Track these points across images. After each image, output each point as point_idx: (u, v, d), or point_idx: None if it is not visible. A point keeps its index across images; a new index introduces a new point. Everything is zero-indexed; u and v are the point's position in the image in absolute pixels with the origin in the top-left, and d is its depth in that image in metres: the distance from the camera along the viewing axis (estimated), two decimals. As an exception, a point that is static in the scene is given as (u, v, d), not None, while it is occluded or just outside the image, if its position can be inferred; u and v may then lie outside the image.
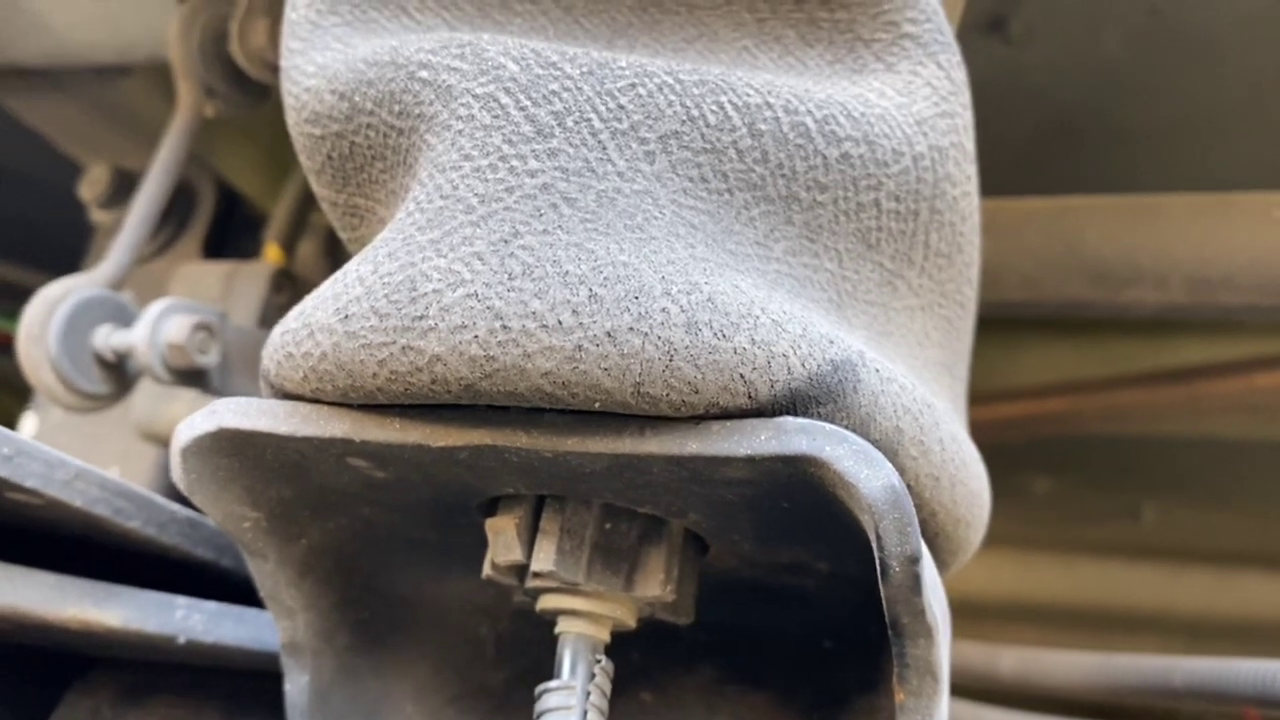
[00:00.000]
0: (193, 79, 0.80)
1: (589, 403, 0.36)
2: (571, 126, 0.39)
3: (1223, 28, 0.94)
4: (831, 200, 0.42)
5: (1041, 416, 1.15)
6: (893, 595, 0.35)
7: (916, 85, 0.45)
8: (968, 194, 0.47)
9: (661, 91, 0.41)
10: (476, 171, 0.39)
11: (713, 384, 0.36)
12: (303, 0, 0.49)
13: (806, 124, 0.42)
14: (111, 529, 0.51)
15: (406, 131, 0.43)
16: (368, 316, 0.38)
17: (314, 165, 0.48)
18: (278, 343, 0.41)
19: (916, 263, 0.46)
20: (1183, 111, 1.00)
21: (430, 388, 0.37)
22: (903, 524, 0.34)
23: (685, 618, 0.46)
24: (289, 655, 0.50)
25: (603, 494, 0.42)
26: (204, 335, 0.73)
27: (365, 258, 0.40)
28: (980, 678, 0.84)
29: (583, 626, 0.44)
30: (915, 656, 0.37)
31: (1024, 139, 1.05)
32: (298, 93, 0.47)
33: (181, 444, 0.42)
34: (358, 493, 0.46)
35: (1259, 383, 0.99)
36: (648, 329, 0.35)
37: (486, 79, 0.41)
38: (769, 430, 0.36)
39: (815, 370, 0.37)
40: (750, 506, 0.41)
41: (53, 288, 0.72)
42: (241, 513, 0.46)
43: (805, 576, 0.49)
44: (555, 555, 0.42)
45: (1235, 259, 0.78)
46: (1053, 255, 0.81)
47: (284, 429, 0.41)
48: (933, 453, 0.41)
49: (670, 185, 0.40)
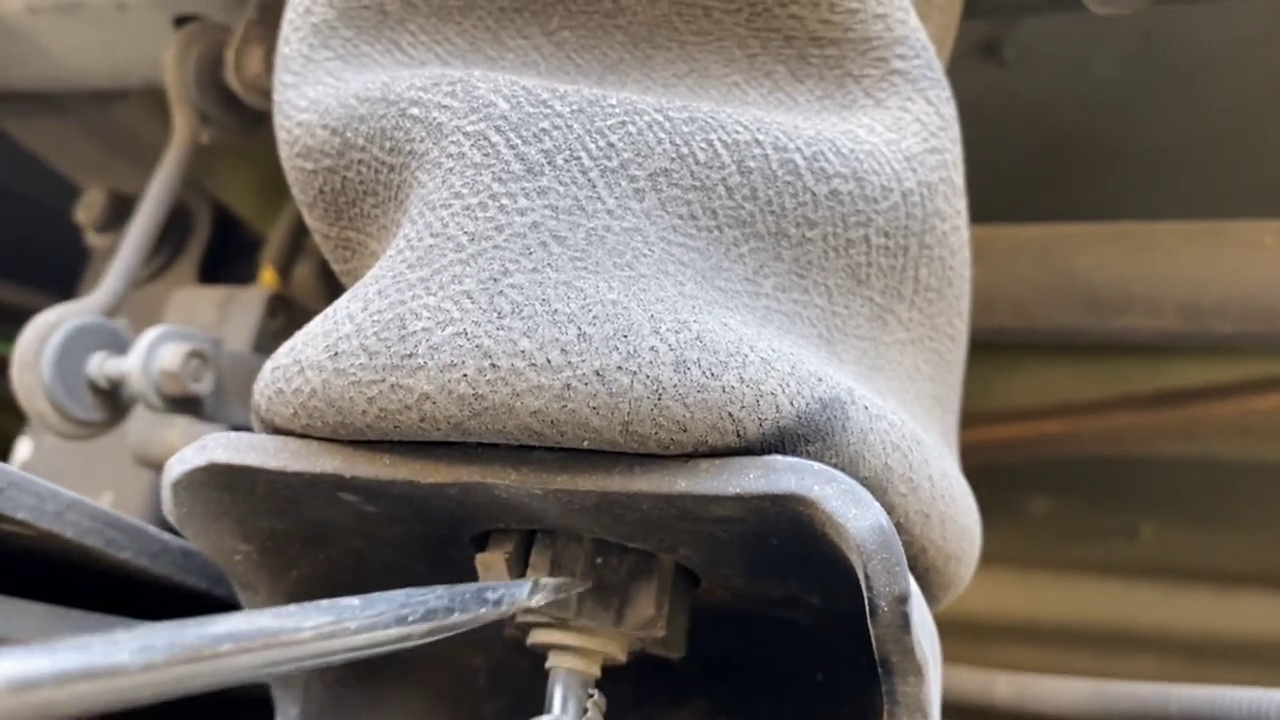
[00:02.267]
0: (188, 106, 0.80)
1: (578, 441, 0.36)
2: (561, 164, 0.40)
3: (1216, 53, 0.94)
4: (821, 236, 0.42)
5: (1038, 438, 1.15)
6: (882, 634, 0.35)
7: (906, 121, 0.45)
8: (957, 228, 0.47)
9: (651, 129, 0.41)
10: (466, 210, 0.39)
11: (701, 422, 0.36)
12: (296, 34, 0.49)
13: (795, 161, 0.42)
14: (104, 560, 0.51)
15: (398, 168, 0.43)
16: (357, 354, 0.38)
17: (306, 199, 0.48)
18: (268, 378, 0.41)
19: (906, 297, 0.46)
20: (1176, 136, 1.01)
21: (419, 425, 0.37)
22: (891, 564, 0.34)
23: (676, 652, 0.46)
24: (280, 688, 0.50)
25: (593, 530, 0.42)
26: (198, 363, 0.73)
27: (355, 294, 0.40)
28: (976, 703, 0.84)
29: (573, 661, 0.44)
30: (905, 694, 0.37)
31: (1017, 162, 1.05)
32: (290, 127, 0.47)
33: (172, 478, 0.42)
34: (349, 526, 0.46)
35: (1255, 405, 0.99)
36: (636, 368, 0.36)
37: (477, 117, 0.41)
38: (757, 469, 0.36)
39: (804, 408, 0.37)
40: (740, 543, 0.41)
41: (47, 315, 0.72)
42: (233, 546, 0.46)
43: (797, 610, 0.49)
44: (545, 591, 0.42)
45: (1228, 287, 0.78)
46: (1045, 282, 0.81)
47: (274, 464, 0.41)
48: (922, 489, 0.41)
49: (659, 222, 0.40)
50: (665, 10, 0.49)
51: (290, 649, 0.27)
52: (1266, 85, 0.95)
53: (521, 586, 0.39)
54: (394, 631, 0.32)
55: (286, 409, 0.40)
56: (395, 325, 0.38)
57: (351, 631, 0.30)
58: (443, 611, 0.34)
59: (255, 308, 0.90)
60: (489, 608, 0.36)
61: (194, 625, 0.23)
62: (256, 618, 0.26)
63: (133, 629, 0.22)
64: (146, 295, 1.04)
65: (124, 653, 0.21)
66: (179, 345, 0.72)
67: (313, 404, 0.39)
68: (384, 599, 0.32)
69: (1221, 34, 0.93)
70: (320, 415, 0.39)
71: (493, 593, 0.37)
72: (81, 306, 0.74)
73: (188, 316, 0.91)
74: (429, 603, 0.34)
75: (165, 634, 0.22)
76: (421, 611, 0.33)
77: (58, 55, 0.88)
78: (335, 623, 0.29)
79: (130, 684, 0.21)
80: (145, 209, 0.80)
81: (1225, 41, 0.93)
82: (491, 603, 0.37)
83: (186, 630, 0.23)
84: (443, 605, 0.34)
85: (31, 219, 1.29)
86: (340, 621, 0.29)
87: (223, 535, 0.45)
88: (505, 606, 0.37)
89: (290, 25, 0.49)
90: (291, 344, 0.41)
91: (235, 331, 0.88)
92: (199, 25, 0.82)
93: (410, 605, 0.33)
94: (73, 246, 1.14)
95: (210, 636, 0.23)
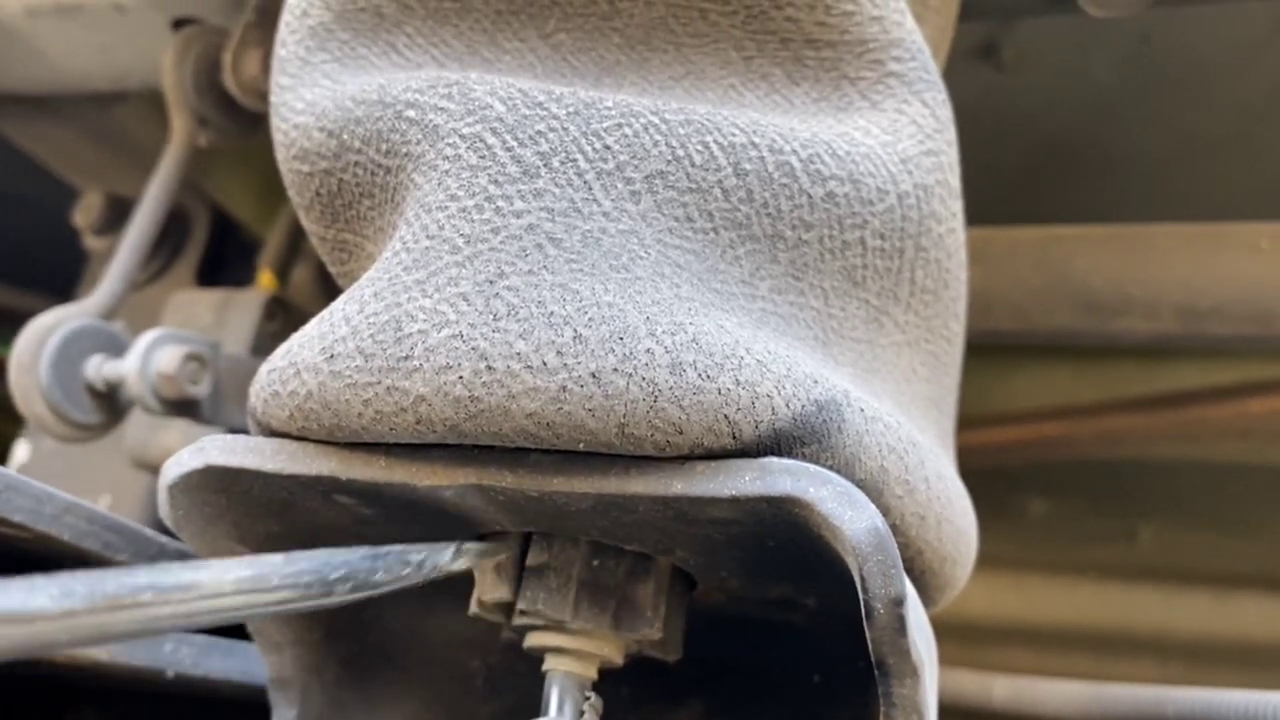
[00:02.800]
0: (186, 109, 0.80)
1: (574, 443, 0.36)
2: (557, 167, 0.40)
3: (1213, 55, 0.94)
4: (817, 238, 0.42)
5: (1037, 440, 1.15)
6: (878, 636, 0.35)
7: (902, 123, 0.45)
8: (953, 230, 0.47)
9: (647, 131, 0.41)
10: (463, 212, 0.39)
11: (697, 425, 0.36)
12: (292, 37, 0.49)
13: (791, 163, 0.42)
14: (101, 563, 0.51)
15: (394, 170, 0.43)
16: (353, 356, 0.38)
17: (303, 201, 0.48)
18: (264, 381, 0.41)
19: (902, 299, 0.46)
20: (1173, 139, 1.01)
21: (415, 428, 0.37)
22: (886, 566, 0.34)
23: (673, 654, 0.46)
24: (277, 690, 0.50)
25: (589, 532, 0.42)
26: (195, 365, 0.73)
27: (352, 297, 0.40)
28: (974, 706, 0.84)
29: (570, 664, 0.44)
30: (901, 696, 0.37)
31: (1014, 164, 1.06)
32: (286, 129, 0.47)
33: (168, 481, 0.42)
34: (345, 527, 0.46)
35: (1252, 408, 0.99)
36: (632, 370, 0.36)
37: (473, 119, 0.41)
38: (753, 471, 0.36)
39: (799, 410, 0.37)
40: (737, 545, 0.41)
41: (44, 318, 0.72)
42: (229, 548, 0.46)
43: (794, 612, 0.49)
44: (542, 593, 0.42)
45: (1224, 289, 0.78)
46: (1043, 285, 0.81)
47: (270, 467, 0.41)
48: (918, 491, 0.41)
49: (655, 225, 0.40)
50: (661, 13, 0.49)
51: (211, 601, 0.27)
52: (1264, 88, 0.95)
53: (445, 550, 0.39)
54: (315, 589, 0.32)
55: (282, 411, 0.40)
56: (391, 328, 0.38)
57: (272, 587, 0.30)
58: (365, 571, 0.34)
59: (253, 310, 0.90)
60: (412, 569, 0.37)
61: (115, 574, 0.23)
62: (179, 570, 0.26)
63: (54, 575, 0.22)
64: (145, 297, 1.04)
65: (43, 597, 0.21)
66: (176, 348, 0.72)
67: (308, 406, 0.39)
68: (306, 557, 0.32)
69: (1219, 37, 0.93)
70: (316, 418, 0.39)
71: (416, 555, 0.37)
72: (79, 309, 0.74)
73: (186, 319, 0.91)
74: (352, 563, 0.34)
75: (86, 581, 0.22)
76: (344, 571, 0.33)
77: (56, 58, 0.88)
78: (257, 578, 0.29)
79: (49, 629, 0.21)
80: (143, 212, 0.80)
81: (1223, 45, 0.93)
82: (414, 565, 0.37)
83: (107, 579, 0.23)
84: (366, 565, 0.34)
85: (30, 221, 1.29)
86: (262, 577, 0.29)
87: (219, 538, 0.45)
88: (428, 570, 0.37)
89: (287, 28, 0.49)
90: (287, 346, 0.41)
91: (233, 334, 0.88)
92: (197, 28, 0.82)
93: (333, 564, 0.33)
94: (71, 249, 1.14)
95: (131, 586, 0.23)
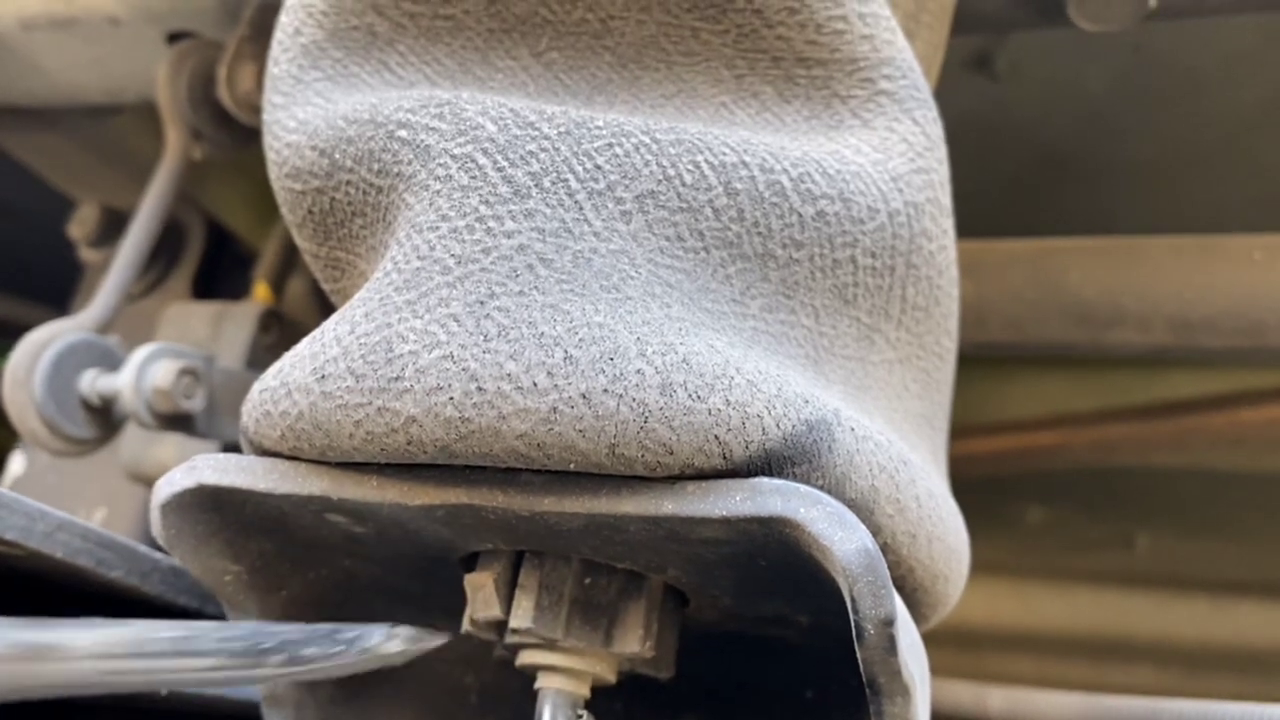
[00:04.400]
0: (180, 123, 0.80)
1: (564, 464, 0.36)
2: (548, 187, 0.40)
3: (1206, 66, 0.95)
4: (807, 257, 0.43)
5: (1033, 449, 1.16)
6: (868, 656, 0.35)
7: (892, 141, 0.45)
8: (944, 248, 0.47)
9: (638, 151, 0.41)
10: (454, 232, 0.39)
11: (688, 445, 0.36)
12: (285, 55, 0.49)
13: (782, 182, 0.42)
14: (94, 579, 0.51)
15: (386, 190, 0.43)
16: (344, 377, 0.38)
17: (295, 219, 0.48)
18: (256, 400, 0.41)
19: (894, 317, 0.46)
20: (1166, 149, 1.01)
21: (406, 448, 0.37)
22: (877, 586, 0.34)
23: (665, 672, 0.46)
24: (270, 707, 0.50)
25: (580, 550, 0.42)
26: (190, 380, 0.73)
27: (343, 317, 0.40)
28: (969, 717, 0.84)
29: (562, 682, 0.44)
30: (893, 714, 0.37)
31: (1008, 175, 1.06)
32: (279, 148, 0.47)
33: (161, 500, 0.42)
34: (338, 545, 0.46)
35: (1246, 417, 0.99)
36: (622, 391, 0.36)
37: (464, 139, 0.41)
38: (744, 491, 0.36)
39: (790, 430, 0.37)
40: (728, 563, 0.41)
41: (39, 332, 0.72)
42: (222, 566, 0.46)
43: (786, 629, 0.49)
44: (534, 611, 0.42)
45: (1217, 302, 0.78)
46: (1036, 297, 0.82)
47: (262, 486, 0.41)
48: (909, 510, 0.41)
49: (646, 244, 0.40)
50: (653, 31, 0.49)
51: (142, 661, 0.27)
52: (1256, 99, 0.96)
53: (377, 631, 0.39)
54: (245, 658, 0.32)
55: (274, 431, 0.40)
56: (382, 348, 0.38)
57: (203, 651, 0.30)
58: (296, 644, 0.34)
59: (248, 323, 0.90)
60: (344, 648, 0.36)
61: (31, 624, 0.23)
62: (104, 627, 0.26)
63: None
64: (140, 310, 1.04)
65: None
66: (171, 363, 0.72)
67: (300, 426, 0.39)
68: (239, 626, 0.32)
69: (1211, 49, 0.93)
70: (308, 438, 0.39)
71: (348, 634, 0.37)
72: (74, 324, 0.74)
73: (181, 332, 0.91)
74: (284, 635, 0.34)
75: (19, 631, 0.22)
76: (275, 642, 0.33)
77: (52, 71, 0.88)
78: (186, 639, 0.29)
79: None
80: (138, 225, 0.80)
81: (1215, 56, 0.93)
82: (345, 643, 0.37)
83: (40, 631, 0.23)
84: (297, 638, 0.34)
85: (25, 233, 1.29)
86: (190, 640, 0.29)
87: (212, 556, 0.45)
88: (356, 650, 0.37)
89: (279, 46, 0.50)
90: (279, 366, 0.41)
91: (228, 347, 0.88)
92: (192, 42, 0.82)
93: (263, 635, 0.33)
94: (67, 260, 1.14)
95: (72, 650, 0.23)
